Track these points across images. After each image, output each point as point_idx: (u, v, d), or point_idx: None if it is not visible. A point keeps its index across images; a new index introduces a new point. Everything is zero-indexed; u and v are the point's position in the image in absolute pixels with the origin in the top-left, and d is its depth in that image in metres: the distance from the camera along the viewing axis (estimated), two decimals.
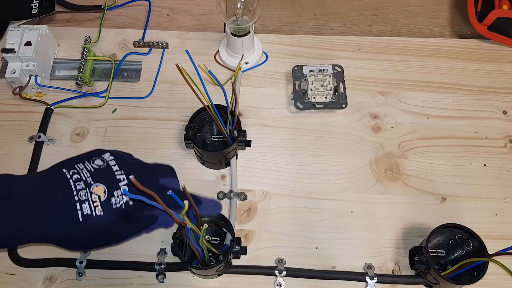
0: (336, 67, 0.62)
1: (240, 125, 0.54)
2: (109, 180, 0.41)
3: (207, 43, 0.66)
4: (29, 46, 0.58)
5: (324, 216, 0.54)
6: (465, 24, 0.69)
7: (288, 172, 0.56)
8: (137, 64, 0.64)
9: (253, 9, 0.58)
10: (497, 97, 0.62)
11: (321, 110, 0.60)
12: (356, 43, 0.66)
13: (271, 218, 0.54)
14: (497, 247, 0.46)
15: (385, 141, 0.59)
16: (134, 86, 0.63)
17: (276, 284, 0.50)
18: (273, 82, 0.63)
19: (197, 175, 0.56)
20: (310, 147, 0.58)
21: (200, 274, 0.49)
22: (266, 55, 0.65)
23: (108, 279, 0.50)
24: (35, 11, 0.65)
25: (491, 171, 0.57)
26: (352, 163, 0.57)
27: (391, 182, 0.56)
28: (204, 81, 0.51)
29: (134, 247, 0.52)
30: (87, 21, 0.69)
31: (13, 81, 0.59)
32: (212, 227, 0.50)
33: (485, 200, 0.55)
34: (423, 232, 0.52)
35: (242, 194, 0.54)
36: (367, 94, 0.62)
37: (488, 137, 0.59)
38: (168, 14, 0.70)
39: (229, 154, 0.54)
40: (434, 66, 0.64)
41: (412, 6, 0.72)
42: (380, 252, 0.52)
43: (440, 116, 0.60)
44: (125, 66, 0.64)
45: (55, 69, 0.63)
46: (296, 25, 0.70)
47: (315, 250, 0.52)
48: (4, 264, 0.51)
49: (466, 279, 0.46)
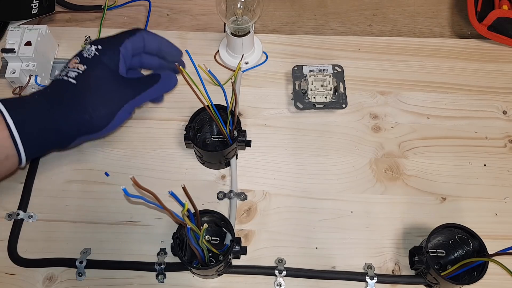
0: (336, 67, 0.62)
1: (240, 125, 0.54)
2: (77, 53, 0.48)
3: (207, 43, 0.66)
4: (29, 46, 0.58)
5: (324, 216, 0.54)
6: (465, 24, 0.69)
7: (288, 172, 0.56)
8: None
9: (253, 9, 0.58)
10: (497, 97, 0.62)
11: (321, 110, 0.60)
12: (356, 43, 0.66)
13: (271, 218, 0.54)
14: (497, 247, 0.46)
15: (385, 141, 0.59)
16: None
17: (276, 284, 0.50)
18: (273, 82, 0.63)
19: (197, 175, 0.56)
20: (310, 147, 0.58)
21: (200, 274, 0.49)
22: (266, 55, 0.65)
23: (108, 279, 0.50)
24: (35, 11, 0.65)
25: (491, 171, 0.57)
26: (352, 163, 0.57)
27: (391, 182, 0.56)
28: (204, 81, 0.51)
29: (134, 247, 0.52)
30: (87, 21, 0.69)
31: (13, 81, 0.59)
32: (212, 227, 0.50)
33: (485, 200, 0.55)
34: (423, 232, 0.52)
35: (242, 194, 0.54)
36: (367, 94, 0.62)
37: (488, 137, 0.59)
38: (168, 14, 0.70)
39: (229, 154, 0.54)
40: (434, 66, 0.64)
41: (412, 6, 0.72)
42: (380, 252, 0.52)
43: (440, 116, 0.60)
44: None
45: (55, 69, 0.63)
46: (296, 25, 0.70)
47: (315, 250, 0.52)
48: (4, 264, 0.51)
49: (466, 279, 0.46)
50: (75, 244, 0.52)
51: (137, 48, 0.51)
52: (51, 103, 0.45)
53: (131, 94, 0.48)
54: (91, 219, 0.53)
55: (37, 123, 0.44)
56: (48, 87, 0.47)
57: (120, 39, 0.49)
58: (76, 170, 0.56)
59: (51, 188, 0.55)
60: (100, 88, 0.46)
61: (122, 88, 0.47)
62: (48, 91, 0.46)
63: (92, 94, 0.45)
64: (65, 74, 0.46)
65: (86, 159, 0.57)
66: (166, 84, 0.51)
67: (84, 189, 0.55)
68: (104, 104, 0.46)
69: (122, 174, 0.56)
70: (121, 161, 0.57)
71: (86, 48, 0.48)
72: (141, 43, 0.51)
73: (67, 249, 0.52)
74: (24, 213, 0.53)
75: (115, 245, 0.52)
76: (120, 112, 0.47)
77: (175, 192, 0.40)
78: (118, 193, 0.54)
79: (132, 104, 0.48)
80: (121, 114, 0.48)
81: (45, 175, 0.56)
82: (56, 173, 0.56)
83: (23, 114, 0.44)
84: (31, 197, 0.54)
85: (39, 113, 0.45)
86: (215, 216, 0.48)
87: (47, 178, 0.56)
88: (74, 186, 0.55)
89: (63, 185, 0.55)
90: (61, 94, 0.45)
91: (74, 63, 0.47)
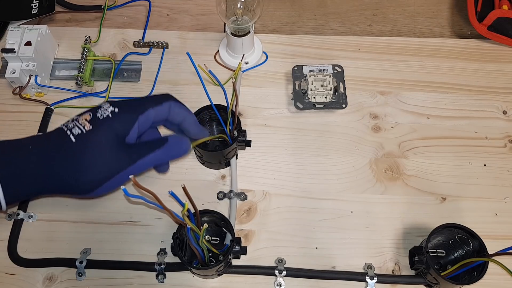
0: (336, 67, 0.62)
1: (240, 125, 0.54)
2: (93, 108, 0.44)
3: (207, 43, 0.66)
4: (29, 46, 0.58)
5: (324, 216, 0.54)
6: (465, 24, 0.69)
7: (288, 172, 0.56)
8: (137, 64, 0.64)
9: (253, 9, 0.58)
10: (497, 97, 0.62)
11: (321, 110, 0.60)
12: (356, 43, 0.66)
13: (271, 218, 0.54)
14: (497, 247, 0.46)
15: (385, 141, 0.59)
16: (134, 86, 0.63)
17: (276, 284, 0.50)
18: (273, 82, 0.63)
19: (197, 175, 0.56)
20: (310, 147, 0.58)
21: (200, 274, 0.49)
22: (266, 55, 0.65)
23: (108, 279, 0.50)
24: (35, 11, 0.65)
25: (491, 171, 0.57)
26: (352, 163, 0.57)
27: (391, 182, 0.56)
28: (204, 81, 0.51)
29: (134, 247, 0.52)
30: (87, 21, 0.69)
31: (13, 81, 0.59)
32: (212, 227, 0.50)
33: (485, 200, 0.55)
34: (423, 232, 0.52)
35: (242, 194, 0.54)
36: (367, 94, 0.62)
37: (488, 137, 0.59)
38: (168, 14, 0.70)
39: (229, 154, 0.54)
40: (434, 66, 0.64)
41: (412, 6, 0.72)
42: (380, 252, 0.52)
43: (440, 116, 0.60)
44: (125, 66, 0.64)
45: (55, 69, 0.63)
46: (296, 25, 0.70)
47: (315, 250, 0.52)
48: (4, 264, 0.51)
49: (466, 279, 0.46)
50: (75, 244, 0.52)
51: (159, 119, 0.46)
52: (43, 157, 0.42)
53: (125, 163, 0.43)
54: (91, 219, 0.53)
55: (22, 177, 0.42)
56: (48, 136, 0.44)
57: (144, 106, 0.45)
58: None
59: None
60: (95, 154, 0.42)
61: (121, 157, 0.43)
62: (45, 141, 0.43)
63: (84, 159, 0.42)
64: (71, 128, 0.43)
65: None
66: (172, 149, 0.45)
67: None
68: (93, 172, 0.42)
69: None
70: None
71: (103, 106, 0.44)
72: (165, 114, 0.46)
73: (67, 249, 0.52)
74: (24, 213, 0.53)
75: (115, 245, 0.52)
76: (110, 182, 0.43)
77: (175, 192, 0.40)
78: (118, 193, 0.54)
79: (126, 174, 0.43)
80: (110, 183, 0.43)
81: None
82: None
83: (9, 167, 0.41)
84: None
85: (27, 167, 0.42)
86: (215, 216, 0.48)
87: None
88: None
89: None
90: (56, 149, 0.42)
91: (84, 119, 0.43)
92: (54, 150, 0.42)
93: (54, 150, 0.42)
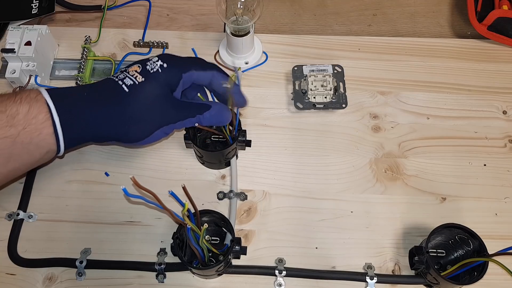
0: (336, 67, 0.62)
1: (240, 125, 0.54)
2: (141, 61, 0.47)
3: (207, 43, 0.66)
4: (29, 46, 0.58)
5: (324, 216, 0.54)
6: (465, 24, 0.69)
7: (288, 172, 0.56)
8: None
9: (253, 9, 0.58)
10: (497, 97, 0.62)
11: (321, 110, 0.60)
12: (356, 43, 0.66)
13: (271, 218, 0.54)
14: (497, 247, 0.46)
15: (385, 141, 0.59)
16: None
17: (276, 284, 0.50)
18: (273, 82, 0.63)
19: (197, 175, 0.56)
20: (310, 147, 0.58)
21: (200, 274, 0.49)
22: (266, 55, 0.65)
23: (108, 279, 0.50)
24: (35, 11, 0.65)
25: (491, 171, 0.57)
26: (352, 163, 0.57)
27: (391, 182, 0.56)
28: None
29: (134, 247, 0.52)
30: (87, 21, 0.69)
31: (13, 81, 0.59)
32: (212, 227, 0.50)
33: (485, 200, 0.55)
34: (423, 232, 0.52)
35: (242, 194, 0.54)
36: (367, 94, 0.62)
37: (488, 137, 0.59)
38: (168, 14, 0.70)
39: (229, 154, 0.54)
40: (434, 66, 0.64)
41: (412, 6, 0.72)
42: (380, 252, 0.52)
43: (440, 116, 0.60)
44: (125, 66, 0.64)
45: (55, 69, 0.63)
46: (296, 25, 0.70)
47: (315, 250, 0.52)
48: (4, 264, 0.51)
49: (466, 279, 0.46)
50: (75, 244, 0.52)
51: (200, 83, 0.49)
52: (98, 104, 0.45)
53: (175, 118, 0.47)
54: (91, 219, 0.53)
55: (80, 123, 0.45)
56: (100, 85, 0.46)
57: (189, 66, 0.48)
58: (76, 170, 0.56)
59: (51, 188, 0.55)
60: (148, 105, 0.45)
61: (170, 111, 0.47)
62: (98, 90, 0.46)
63: (138, 109, 0.45)
64: (122, 79, 0.46)
65: (86, 159, 0.57)
66: (214, 117, 0.49)
67: (84, 189, 0.55)
68: (145, 121, 0.46)
69: (122, 174, 0.56)
70: (121, 161, 0.57)
71: (152, 60, 0.47)
72: (207, 81, 0.49)
73: (67, 249, 0.52)
74: (24, 213, 0.53)
75: (115, 245, 0.52)
76: (158, 131, 0.47)
77: (175, 192, 0.40)
78: (118, 193, 0.54)
79: (173, 127, 0.48)
80: (158, 133, 0.47)
81: (45, 175, 0.56)
82: (56, 173, 0.56)
83: (69, 113, 0.44)
84: (31, 197, 0.54)
85: (84, 114, 0.45)
86: (215, 216, 0.48)
87: (47, 178, 0.56)
88: (74, 186, 0.55)
89: (63, 185, 0.55)
90: (109, 97, 0.45)
91: (134, 71, 0.46)
92: (108, 98, 0.45)
93: (108, 98, 0.45)
